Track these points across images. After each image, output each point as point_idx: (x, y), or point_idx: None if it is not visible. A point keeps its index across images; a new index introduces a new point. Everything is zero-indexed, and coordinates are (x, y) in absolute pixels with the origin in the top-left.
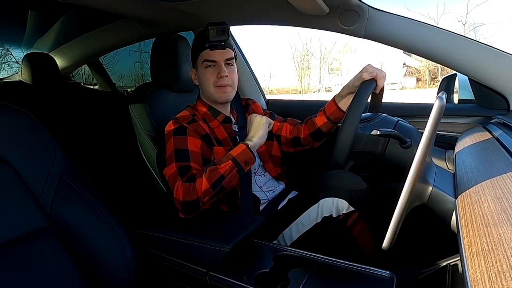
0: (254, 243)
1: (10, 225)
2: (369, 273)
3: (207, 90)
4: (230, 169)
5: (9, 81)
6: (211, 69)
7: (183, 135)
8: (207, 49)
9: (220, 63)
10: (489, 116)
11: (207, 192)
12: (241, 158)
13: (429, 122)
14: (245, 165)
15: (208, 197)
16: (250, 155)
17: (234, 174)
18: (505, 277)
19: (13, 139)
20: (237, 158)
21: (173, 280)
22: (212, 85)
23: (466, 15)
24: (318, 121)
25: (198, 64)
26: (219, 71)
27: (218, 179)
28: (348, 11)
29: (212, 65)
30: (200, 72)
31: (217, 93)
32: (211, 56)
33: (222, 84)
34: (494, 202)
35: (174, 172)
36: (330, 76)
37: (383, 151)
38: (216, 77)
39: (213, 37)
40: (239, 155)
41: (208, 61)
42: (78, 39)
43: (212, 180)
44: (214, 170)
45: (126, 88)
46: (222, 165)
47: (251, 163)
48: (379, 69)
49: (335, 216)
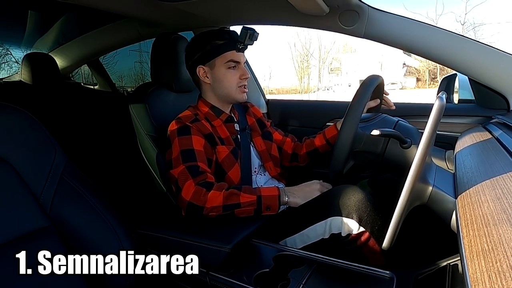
0: (254, 243)
1: (10, 225)
2: (369, 273)
3: (228, 90)
4: (250, 204)
5: (9, 81)
6: (234, 70)
7: (187, 134)
8: (234, 49)
9: (242, 65)
10: (489, 116)
11: (216, 209)
12: (267, 201)
13: (429, 122)
14: (266, 209)
15: (215, 213)
16: (276, 203)
17: (250, 210)
18: (505, 277)
19: (13, 139)
20: (263, 198)
21: (173, 280)
22: (235, 86)
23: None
24: (316, 142)
25: (217, 63)
26: (243, 73)
27: (233, 204)
28: (348, 11)
29: (237, 66)
30: (219, 71)
31: (239, 93)
32: (237, 57)
33: (244, 85)
34: (494, 202)
35: (183, 170)
36: (330, 76)
37: (383, 151)
38: (239, 78)
39: (247, 40)
40: (266, 197)
41: (234, 61)
42: (78, 39)
43: (228, 202)
44: (234, 194)
45: (126, 88)
46: (246, 195)
47: (273, 211)
48: None
49: (344, 236)
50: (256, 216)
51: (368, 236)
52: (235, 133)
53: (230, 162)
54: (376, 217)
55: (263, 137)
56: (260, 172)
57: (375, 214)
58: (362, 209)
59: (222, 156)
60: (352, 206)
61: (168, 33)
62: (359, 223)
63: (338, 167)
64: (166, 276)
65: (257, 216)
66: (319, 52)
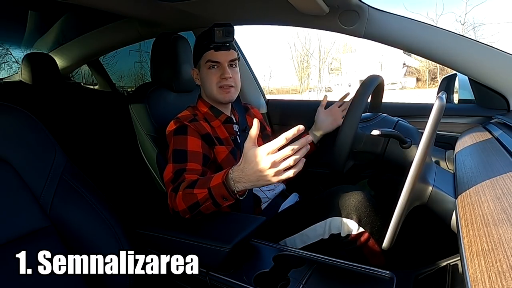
0: (254, 243)
1: (10, 225)
2: (369, 273)
3: (210, 90)
4: (206, 199)
5: (9, 81)
6: (214, 69)
7: (184, 134)
8: (211, 49)
9: (224, 64)
10: (489, 116)
11: (185, 211)
12: (217, 191)
13: (429, 122)
14: (223, 200)
15: (189, 215)
16: (226, 193)
17: (210, 206)
18: (505, 277)
19: (13, 139)
20: (212, 190)
21: (173, 280)
22: (215, 86)
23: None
24: None
25: (201, 64)
26: (222, 72)
27: (193, 204)
28: (348, 11)
29: (216, 65)
30: (203, 72)
31: (220, 93)
32: (215, 57)
33: (225, 85)
34: (494, 202)
35: (169, 178)
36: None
37: (383, 151)
38: (219, 78)
39: (218, 38)
40: (215, 188)
41: (212, 61)
42: (78, 39)
43: (189, 203)
44: (188, 194)
45: (126, 88)
46: (200, 190)
47: (230, 200)
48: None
49: (343, 236)
50: (256, 216)
51: (368, 236)
52: (234, 134)
53: (229, 162)
54: (376, 217)
55: (263, 138)
56: None
57: (375, 214)
58: (361, 210)
59: (221, 156)
60: (352, 206)
61: (168, 33)
62: (358, 224)
63: (338, 167)
64: (166, 276)
65: (257, 216)
66: (319, 52)
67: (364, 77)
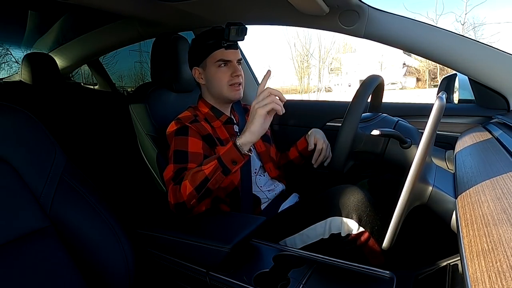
0: (254, 243)
1: (10, 225)
2: (369, 273)
3: (219, 89)
4: (215, 170)
5: (9, 81)
6: (224, 68)
7: (185, 135)
8: (222, 48)
9: (234, 63)
10: (489, 116)
11: (192, 195)
12: (227, 158)
13: (429, 122)
14: (232, 164)
15: (195, 200)
16: (237, 154)
17: (219, 176)
18: (505, 277)
19: (13, 139)
20: (222, 157)
21: (173, 280)
22: (226, 84)
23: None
24: (290, 155)
25: (207, 63)
26: (234, 70)
27: (202, 182)
28: (348, 11)
29: (226, 64)
30: (210, 71)
31: (230, 91)
32: (226, 55)
33: (236, 83)
34: (494, 202)
35: (170, 176)
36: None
37: (383, 151)
38: (230, 76)
39: (233, 36)
40: (225, 154)
41: (223, 60)
42: (78, 39)
43: (196, 182)
44: (198, 172)
45: (126, 88)
46: (207, 165)
47: (240, 162)
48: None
49: (343, 236)
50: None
51: (368, 236)
52: (234, 135)
53: None
54: (376, 217)
55: (263, 139)
56: (260, 173)
57: (375, 214)
58: (361, 209)
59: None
60: (352, 206)
61: (168, 33)
62: (358, 223)
63: (338, 167)
64: (166, 276)
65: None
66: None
67: (364, 77)
